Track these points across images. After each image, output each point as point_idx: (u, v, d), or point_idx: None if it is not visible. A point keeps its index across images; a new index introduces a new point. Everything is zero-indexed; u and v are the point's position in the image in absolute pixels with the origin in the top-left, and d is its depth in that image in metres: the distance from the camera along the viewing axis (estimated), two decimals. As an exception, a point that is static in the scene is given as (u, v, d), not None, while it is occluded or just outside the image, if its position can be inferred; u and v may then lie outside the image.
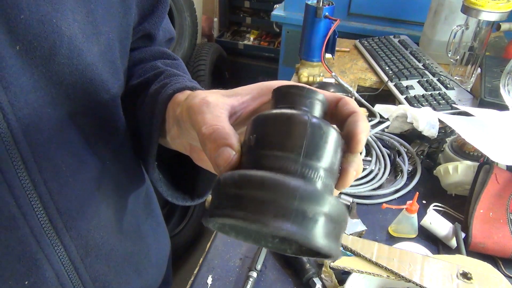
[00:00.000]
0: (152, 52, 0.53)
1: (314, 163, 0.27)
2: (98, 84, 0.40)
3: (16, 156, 0.34)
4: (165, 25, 0.55)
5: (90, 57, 0.37)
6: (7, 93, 0.32)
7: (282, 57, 1.98)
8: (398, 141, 0.97)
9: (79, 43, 0.36)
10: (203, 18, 3.07)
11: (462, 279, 0.57)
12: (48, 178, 0.37)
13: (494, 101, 0.97)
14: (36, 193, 0.37)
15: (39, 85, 0.34)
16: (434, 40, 1.32)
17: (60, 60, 0.35)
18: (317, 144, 0.27)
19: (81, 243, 0.43)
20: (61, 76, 0.35)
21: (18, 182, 0.35)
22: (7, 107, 0.32)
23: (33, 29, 0.32)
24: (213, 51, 2.66)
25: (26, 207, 0.36)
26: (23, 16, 0.31)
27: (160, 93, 0.42)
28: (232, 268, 0.69)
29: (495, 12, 1.06)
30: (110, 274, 0.48)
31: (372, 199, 0.83)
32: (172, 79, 0.45)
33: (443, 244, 0.74)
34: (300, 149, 0.26)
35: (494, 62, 1.13)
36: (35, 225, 0.38)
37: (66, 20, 0.34)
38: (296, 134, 0.27)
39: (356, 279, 0.60)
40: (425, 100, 1.07)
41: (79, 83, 0.37)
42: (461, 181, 0.81)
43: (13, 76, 0.32)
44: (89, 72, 0.38)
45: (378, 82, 1.25)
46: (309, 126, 0.27)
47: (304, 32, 1.20)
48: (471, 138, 0.78)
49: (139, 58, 0.52)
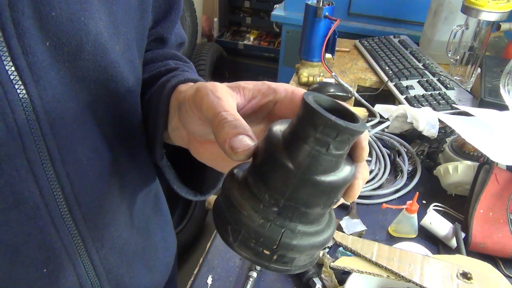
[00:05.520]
0: (163, 53, 0.55)
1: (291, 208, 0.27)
2: (119, 81, 0.41)
3: (42, 148, 0.35)
4: (177, 29, 0.57)
5: (113, 54, 0.39)
6: (37, 87, 0.33)
7: (282, 57, 1.98)
8: (398, 141, 0.97)
9: (104, 41, 0.37)
10: (203, 18, 3.07)
11: (462, 279, 0.57)
12: (70, 170, 0.38)
13: (494, 101, 0.97)
14: (59, 184, 0.38)
15: (65, 81, 0.36)
16: (434, 40, 1.32)
17: (86, 57, 0.36)
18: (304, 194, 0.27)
19: (97, 235, 0.44)
20: (85, 72, 0.37)
21: (43, 172, 0.36)
22: (37, 100, 0.34)
23: (62, 26, 0.33)
24: (213, 51, 2.66)
25: (49, 197, 0.37)
26: (54, 14, 0.32)
27: (168, 82, 0.43)
28: (232, 268, 0.69)
29: (495, 12, 1.06)
30: (122, 267, 0.50)
31: (372, 199, 0.83)
32: (181, 73, 0.47)
33: (443, 244, 0.74)
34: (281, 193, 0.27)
35: (494, 62, 1.13)
36: (56, 215, 0.39)
37: (93, 18, 0.36)
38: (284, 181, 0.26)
39: (356, 279, 0.60)
40: (425, 100, 1.07)
41: (101, 79, 0.38)
42: (461, 181, 0.81)
43: (43, 70, 0.33)
44: (111, 69, 0.39)
45: (378, 82, 1.25)
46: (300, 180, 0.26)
47: (304, 32, 1.20)
48: (471, 138, 0.78)
49: (151, 58, 0.54)
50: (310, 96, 0.26)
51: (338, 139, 0.25)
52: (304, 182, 0.26)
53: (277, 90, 0.34)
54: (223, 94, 0.32)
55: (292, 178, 0.26)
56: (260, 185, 0.27)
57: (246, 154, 0.28)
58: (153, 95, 0.46)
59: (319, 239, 0.28)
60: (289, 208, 0.27)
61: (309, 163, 0.25)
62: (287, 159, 0.26)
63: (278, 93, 0.34)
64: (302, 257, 0.29)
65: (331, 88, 1.12)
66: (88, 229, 0.42)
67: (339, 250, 0.69)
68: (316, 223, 0.29)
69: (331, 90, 1.12)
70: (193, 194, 0.48)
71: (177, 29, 0.56)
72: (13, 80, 0.32)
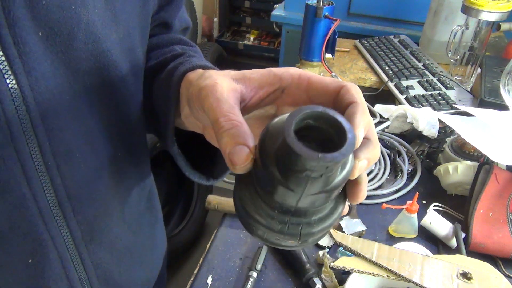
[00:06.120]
0: (169, 38, 0.54)
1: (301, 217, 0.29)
2: (112, 71, 0.40)
3: (32, 139, 0.35)
4: (181, 14, 0.56)
5: (106, 43, 0.38)
6: (28, 78, 0.33)
7: (282, 57, 1.98)
8: (398, 141, 0.97)
9: (96, 29, 0.37)
10: (203, 18, 3.07)
11: (462, 279, 0.57)
12: (61, 162, 0.38)
13: (494, 101, 0.97)
14: (48, 176, 0.38)
15: (59, 72, 0.35)
16: (434, 40, 1.32)
17: (78, 45, 0.36)
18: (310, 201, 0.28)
19: (87, 229, 0.44)
20: (78, 62, 0.36)
21: (31, 163, 0.36)
22: (28, 91, 0.33)
23: (53, 14, 0.33)
24: (213, 51, 2.66)
25: (37, 188, 0.37)
26: (44, 2, 0.32)
27: (176, 69, 0.43)
28: (232, 268, 0.69)
29: (495, 12, 1.06)
30: (112, 262, 0.49)
31: (372, 199, 0.83)
32: (188, 59, 0.46)
33: (443, 244, 0.74)
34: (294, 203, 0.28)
35: (494, 62, 1.13)
36: (44, 206, 0.38)
37: (86, 6, 0.35)
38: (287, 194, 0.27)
39: (356, 279, 0.60)
40: (425, 100, 1.07)
41: (93, 68, 0.38)
42: (461, 181, 0.81)
43: (36, 61, 0.33)
44: (104, 58, 0.39)
45: (378, 82, 1.25)
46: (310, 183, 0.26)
47: (304, 32, 1.20)
48: (471, 138, 0.78)
49: (156, 43, 0.53)
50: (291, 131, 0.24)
51: (328, 170, 0.25)
52: (306, 197, 0.27)
53: (283, 78, 0.34)
54: (223, 94, 0.31)
55: (295, 198, 0.27)
56: (268, 197, 0.28)
57: (244, 169, 0.28)
58: (162, 83, 0.45)
59: (334, 217, 0.31)
60: (301, 210, 0.29)
61: (307, 187, 0.26)
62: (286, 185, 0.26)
63: (284, 81, 0.34)
64: (323, 233, 0.32)
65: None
66: (78, 222, 0.42)
67: (339, 250, 0.69)
68: (327, 208, 0.30)
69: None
70: (206, 179, 0.47)
71: (181, 14, 0.56)
72: (2, 70, 0.32)
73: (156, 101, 0.47)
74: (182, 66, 0.42)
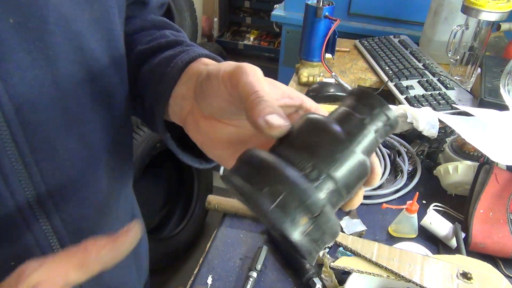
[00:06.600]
0: (153, 21, 0.53)
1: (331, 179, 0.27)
2: (88, 54, 0.38)
3: (5, 135, 0.34)
4: None
5: (78, 24, 0.37)
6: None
7: (282, 57, 1.98)
8: (398, 141, 0.97)
9: (65, 10, 0.35)
10: (203, 18, 3.07)
11: (462, 279, 0.57)
12: (41, 159, 0.37)
13: (494, 101, 0.97)
14: (27, 173, 0.36)
15: (39, 63, 0.34)
16: (434, 40, 1.32)
17: (50, 28, 0.34)
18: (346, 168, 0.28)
19: (72, 227, 0.42)
20: (56, 48, 0.35)
21: (7, 160, 0.35)
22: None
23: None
24: (213, 51, 2.63)
25: (15, 186, 0.36)
26: None
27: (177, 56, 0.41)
28: (232, 268, 0.69)
29: (495, 12, 1.06)
30: None
31: (372, 199, 0.83)
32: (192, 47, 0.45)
33: (443, 244, 0.74)
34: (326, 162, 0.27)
35: (494, 62, 1.13)
36: (23, 205, 0.37)
37: None
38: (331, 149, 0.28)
39: (356, 279, 0.60)
40: (425, 100, 1.07)
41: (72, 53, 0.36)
42: (461, 181, 0.81)
43: (7, 51, 0.31)
44: (77, 41, 0.37)
45: (378, 82, 1.25)
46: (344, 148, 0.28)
47: (304, 32, 1.20)
48: (471, 138, 0.78)
49: (141, 26, 0.52)
50: None
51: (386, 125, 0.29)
52: (350, 154, 0.27)
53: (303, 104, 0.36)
54: (263, 79, 0.32)
55: (342, 147, 0.27)
56: (303, 155, 0.27)
57: (280, 131, 0.29)
58: (156, 68, 0.44)
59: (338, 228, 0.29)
60: (329, 180, 0.27)
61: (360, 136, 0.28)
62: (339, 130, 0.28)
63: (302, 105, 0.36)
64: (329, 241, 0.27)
65: (331, 88, 1.12)
66: (61, 219, 0.41)
67: (339, 250, 0.69)
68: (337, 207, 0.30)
69: (331, 90, 1.12)
70: (198, 162, 0.46)
71: None
72: None
73: (143, 85, 0.45)
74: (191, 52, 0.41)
